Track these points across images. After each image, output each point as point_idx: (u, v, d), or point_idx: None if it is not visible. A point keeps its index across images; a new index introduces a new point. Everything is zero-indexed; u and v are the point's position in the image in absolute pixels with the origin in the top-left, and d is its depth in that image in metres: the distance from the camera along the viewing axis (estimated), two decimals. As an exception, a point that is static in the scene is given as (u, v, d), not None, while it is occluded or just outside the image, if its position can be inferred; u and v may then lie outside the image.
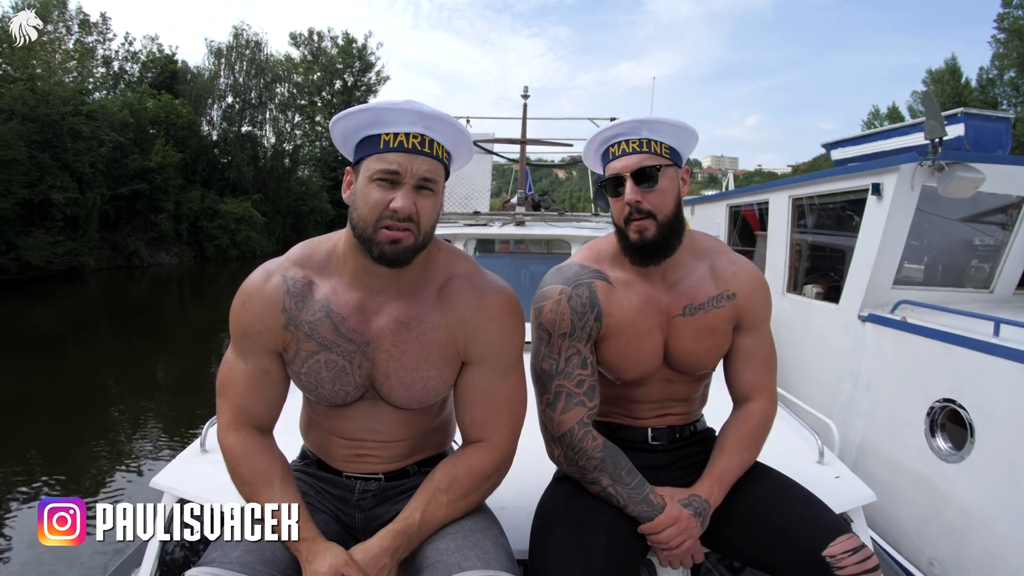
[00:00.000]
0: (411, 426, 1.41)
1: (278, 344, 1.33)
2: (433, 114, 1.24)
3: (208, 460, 1.89)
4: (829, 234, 4.75)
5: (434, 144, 1.24)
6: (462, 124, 1.29)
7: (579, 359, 1.48)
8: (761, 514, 1.43)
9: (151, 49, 35.45)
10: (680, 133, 1.47)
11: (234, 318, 1.35)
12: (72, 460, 6.20)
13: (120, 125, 25.45)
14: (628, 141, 1.44)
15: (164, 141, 28.56)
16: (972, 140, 4.36)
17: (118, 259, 25.77)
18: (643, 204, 1.41)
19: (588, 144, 1.54)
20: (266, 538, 1.25)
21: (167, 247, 28.87)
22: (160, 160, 27.54)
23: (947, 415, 3.21)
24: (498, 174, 11.19)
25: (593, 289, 1.50)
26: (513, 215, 4.52)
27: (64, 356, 11.35)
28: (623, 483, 1.43)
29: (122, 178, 25.69)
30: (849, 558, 1.29)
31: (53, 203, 21.50)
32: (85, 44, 29.94)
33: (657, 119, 1.45)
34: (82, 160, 23.02)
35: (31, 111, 21.22)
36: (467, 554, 1.24)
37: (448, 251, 1.42)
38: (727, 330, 1.55)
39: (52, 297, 18.25)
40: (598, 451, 1.44)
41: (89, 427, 7.18)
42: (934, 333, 3.30)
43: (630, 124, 1.45)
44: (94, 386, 9.39)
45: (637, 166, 1.42)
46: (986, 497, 2.91)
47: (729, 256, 1.58)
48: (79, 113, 23.19)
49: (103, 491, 5.49)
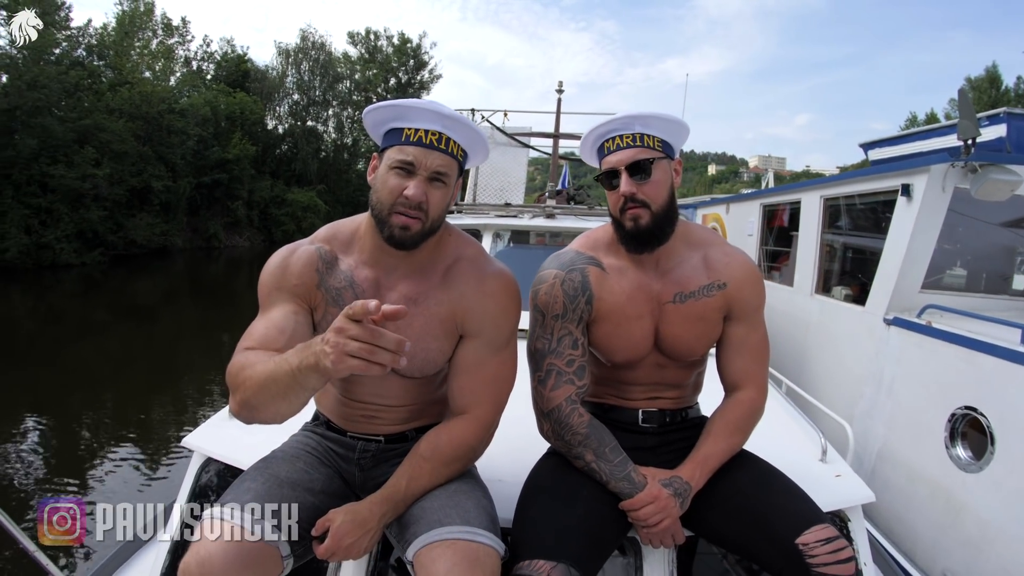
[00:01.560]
0: (413, 394, 1.53)
1: (310, 298, 1.46)
2: (451, 115, 1.38)
3: (235, 425, 1.99)
4: (860, 235, 4.65)
5: (450, 142, 1.38)
6: (478, 126, 1.43)
7: (570, 340, 1.56)
8: (742, 501, 1.46)
9: (225, 50, 38.74)
10: (671, 126, 1.53)
11: (265, 279, 1.46)
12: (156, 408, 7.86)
13: (202, 120, 28.86)
14: (622, 136, 1.50)
15: (241, 135, 31.99)
16: (1015, 141, 4.21)
17: (199, 241, 29.37)
18: (638, 195, 1.48)
19: (584, 140, 1.61)
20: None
21: (241, 231, 32.43)
22: (238, 152, 30.97)
23: (968, 423, 3.13)
24: (543, 168, 11.25)
25: (586, 274, 1.58)
26: (543, 207, 4.58)
27: (156, 323, 13.57)
28: (606, 459, 1.49)
29: (203, 168, 29.08)
30: (822, 547, 1.31)
31: (152, 190, 25.16)
32: (168, 46, 33.30)
33: (649, 114, 1.50)
34: (174, 152, 26.64)
35: (136, 109, 24.92)
36: (448, 512, 1.33)
37: (457, 236, 1.55)
38: (717, 319, 1.59)
39: (148, 271, 21.55)
40: (583, 427, 1.51)
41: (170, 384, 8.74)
42: (958, 339, 3.21)
43: (623, 120, 1.51)
44: (177, 350, 10.99)
45: (631, 159, 1.48)
46: (1004, 509, 2.83)
47: (723, 247, 1.63)
48: (173, 111, 26.85)
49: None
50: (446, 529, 1.29)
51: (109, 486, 5.58)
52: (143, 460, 6.19)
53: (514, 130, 7.15)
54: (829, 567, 1.29)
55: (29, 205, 20.49)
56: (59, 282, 18.34)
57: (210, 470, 1.89)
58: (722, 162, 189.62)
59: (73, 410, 7.45)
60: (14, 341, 11.37)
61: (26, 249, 19.81)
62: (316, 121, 41.69)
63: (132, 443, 6.54)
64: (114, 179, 23.24)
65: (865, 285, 4.21)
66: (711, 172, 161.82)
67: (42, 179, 21.08)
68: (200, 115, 28.79)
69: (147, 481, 5.76)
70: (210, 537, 1.22)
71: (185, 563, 1.20)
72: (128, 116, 24.41)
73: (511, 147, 6.99)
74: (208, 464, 1.89)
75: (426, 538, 1.28)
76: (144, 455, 6.30)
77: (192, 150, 27.97)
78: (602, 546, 1.43)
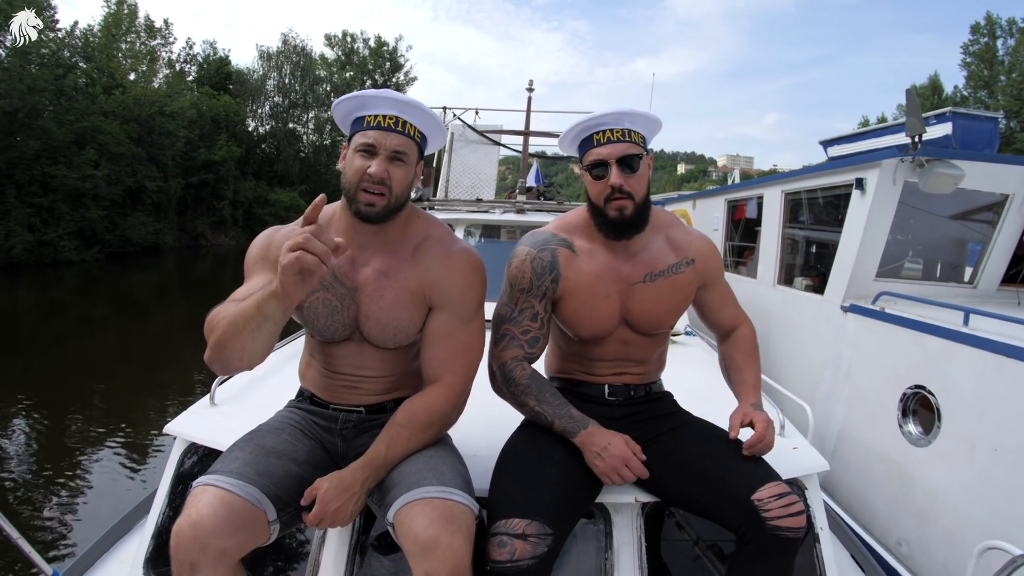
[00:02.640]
0: (390, 365, 1.67)
1: None
2: (406, 100, 1.53)
3: (216, 412, 2.12)
4: (819, 229, 4.86)
5: (407, 125, 1.53)
6: (432, 111, 1.57)
7: (531, 313, 1.72)
8: (701, 466, 1.59)
9: (208, 52, 39.97)
10: (653, 125, 1.70)
11: (250, 254, 1.61)
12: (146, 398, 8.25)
13: (189, 123, 29.99)
14: (612, 130, 1.65)
15: (226, 137, 33.43)
16: (960, 138, 4.47)
17: (187, 239, 30.56)
18: (625, 187, 1.63)
19: (569, 130, 1.73)
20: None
21: (226, 230, 33.65)
22: (224, 154, 32.39)
23: (918, 401, 3.33)
24: (514, 167, 11.34)
25: (555, 255, 1.72)
26: (514, 203, 4.69)
27: (150, 318, 14.45)
28: (547, 403, 1.65)
29: (191, 169, 30.29)
30: (775, 502, 1.44)
31: (146, 190, 26.31)
32: (151, 48, 34.74)
33: (637, 112, 1.67)
34: (165, 154, 27.75)
35: (129, 112, 26.06)
36: (425, 475, 1.44)
37: (426, 217, 1.70)
38: (691, 291, 1.80)
39: (142, 268, 22.77)
40: (525, 379, 1.67)
41: (160, 376, 9.13)
42: (908, 323, 3.42)
43: (614, 115, 1.66)
44: (169, 343, 11.62)
45: (622, 154, 1.64)
46: (949, 480, 3.04)
47: (683, 227, 1.83)
48: (163, 114, 27.75)
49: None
50: (423, 489, 1.39)
51: (96, 473, 5.71)
52: (130, 447, 6.37)
53: (485, 128, 7.25)
54: (782, 520, 1.42)
55: (31, 204, 21.51)
56: (60, 278, 19.34)
57: (193, 455, 1.95)
58: (691, 161, 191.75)
59: (68, 399, 7.79)
60: (21, 333, 11.99)
61: (30, 246, 20.83)
62: (296, 123, 43.37)
63: (121, 431, 6.78)
64: (112, 179, 24.42)
65: (824, 275, 4.41)
66: (680, 171, 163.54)
67: (43, 179, 22.09)
68: (187, 117, 29.91)
69: (133, 466, 5.90)
70: (202, 501, 1.29)
71: (178, 526, 1.27)
72: (122, 119, 25.60)
73: (482, 145, 7.09)
74: (191, 450, 1.95)
75: (405, 499, 1.38)
76: (131, 442, 6.49)
77: (181, 151, 29.13)
78: (573, 507, 1.54)
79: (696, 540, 1.94)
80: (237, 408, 2.15)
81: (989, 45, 32.69)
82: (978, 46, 32.93)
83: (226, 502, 1.30)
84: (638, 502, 1.71)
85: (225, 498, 1.31)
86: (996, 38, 32.58)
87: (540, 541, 1.37)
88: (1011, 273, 4.33)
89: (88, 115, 23.85)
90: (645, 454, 1.65)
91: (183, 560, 1.26)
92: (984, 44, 32.78)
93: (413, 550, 1.32)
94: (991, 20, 32.63)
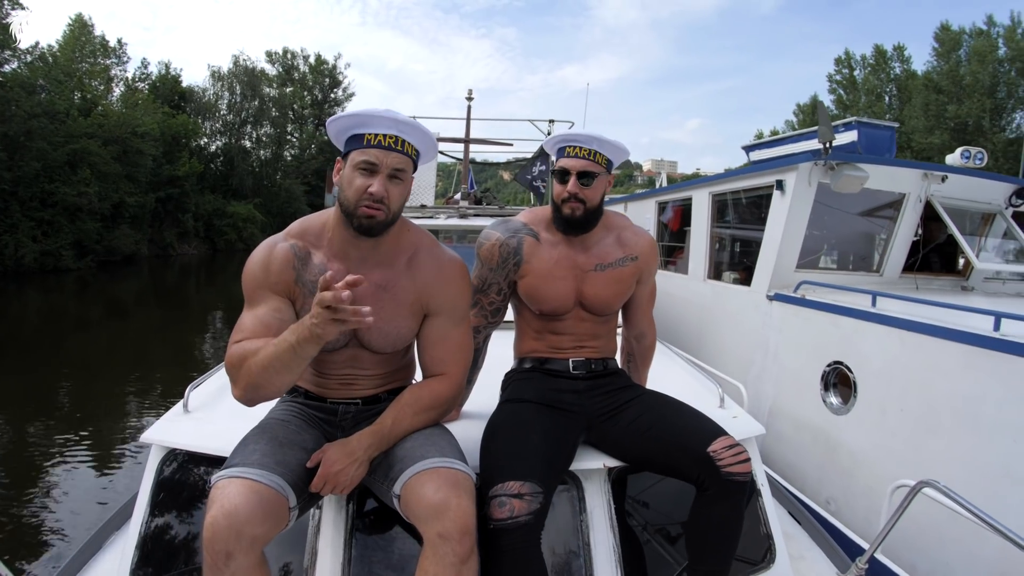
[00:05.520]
0: (384, 364, 1.82)
1: (290, 293, 1.70)
2: (405, 121, 1.62)
3: (190, 419, 2.17)
4: (745, 227, 5.30)
5: (405, 144, 1.62)
6: (429, 130, 1.67)
7: (496, 288, 2.09)
8: (659, 429, 1.88)
9: (161, 71, 42.19)
10: (618, 152, 2.05)
11: (250, 276, 1.67)
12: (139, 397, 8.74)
13: (153, 141, 32.13)
14: (581, 148, 1.99)
15: (188, 154, 36.30)
16: (864, 145, 5.03)
17: (156, 249, 33.53)
18: (579, 194, 1.98)
19: (552, 138, 2.11)
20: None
21: (189, 241, 36.66)
22: (187, 170, 35.32)
23: (837, 375, 3.78)
24: (444, 175, 11.55)
25: (521, 242, 2.06)
26: (457, 208, 4.91)
27: (129, 320, 16.12)
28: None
29: (157, 184, 33.00)
30: (727, 452, 1.75)
31: (125, 204, 29.31)
32: (105, 67, 35.94)
33: (606, 140, 2.01)
34: (139, 171, 30.53)
35: (108, 133, 28.62)
36: (428, 449, 1.60)
37: (415, 229, 1.84)
38: (631, 282, 2.15)
39: (123, 276, 25.28)
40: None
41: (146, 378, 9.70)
42: (826, 307, 3.87)
43: (587, 137, 2.00)
44: (146, 347, 12.45)
45: (582, 168, 1.98)
46: (866, 441, 3.48)
47: (632, 228, 2.19)
48: (136, 134, 30.39)
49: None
50: (429, 460, 1.53)
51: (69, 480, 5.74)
52: (104, 454, 6.44)
53: None
54: (734, 467, 1.73)
55: (33, 218, 24.23)
56: (61, 284, 21.71)
57: (172, 462, 1.98)
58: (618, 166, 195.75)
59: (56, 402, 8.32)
60: (29, 334, 13.26)
61: (36, 256, 23.56)
62: (247, 139, 46.43)
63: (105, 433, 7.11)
64: (101, 195, 27.18)
65: (749, 269, 4.85)
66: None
67: (43, 196, 24.88)
68: (153, 136, 32.15)
69: (109, 473, 5.94)
70: (231, 492, 1.36)
71: (212, 517, 1.32)
72: (102, 140, 28.05)
73: (437, 153, 7.26)
74: (170, 456, 1.98)
75: (412, 470, 1.52)
76: (106, 448, 6.65)
77: (150, 169, 31.64)
78: (556, 468, 1.80)
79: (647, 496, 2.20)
80: (212, 413, 2.20)
81: (849, 75, 42.18)
82: (841, 76, 42.64)
83: (255, 490, 1.37)
84: (605, 467, 1.96)
85: (254, 487, 1.38)
86: (853, 69, 42.15)
87: (534, 499, 1.59)
88: (910, 262, 4.88)
89: (77, 137, 26.45)
90: (610, 423, 1.96)
91: (219, 550, 1.31)
92: (845, 75, 42.41)
93: (425, 514, 1.44)
94: (848, 55, 42.59)
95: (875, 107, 38.57)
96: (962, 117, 32.32)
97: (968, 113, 32.12)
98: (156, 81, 41.04)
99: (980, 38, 33.44)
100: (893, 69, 40.28)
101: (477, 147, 7.70)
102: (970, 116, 32.10)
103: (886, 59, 40.45)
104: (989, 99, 31.87)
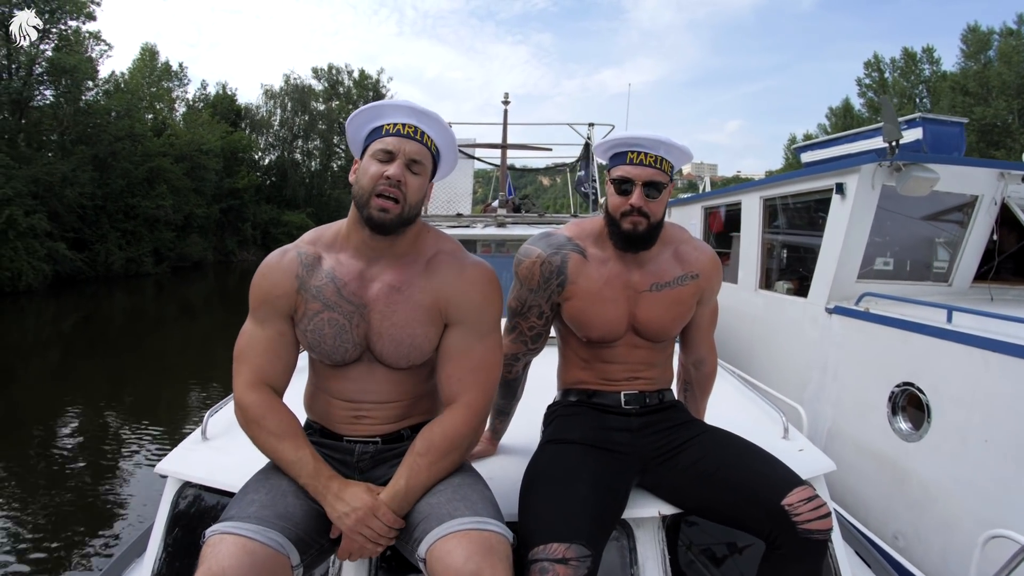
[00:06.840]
0: (403, 388, 1.59)
1: (291, 307, 1.55)
2: (423, 111, 1.53)
3: (209, 447, 2.02)
4: (799, 233, 4.98)
5: (424, 134, 1.52)
6: (449, 127, 1.57)
7: (537, 311, 1.83)
8: (726, 473, 1.62)
9: (218, 91, 46.74)
10: (683, 157, 1.76)
11: (255, 288, 1.58)
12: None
13: (215, 156, 36.13)
14: (647, 154, 1.70)
15: (247, 168, 40.76)
16: (930, 143, 4.64)
17: (220, 255, 37.68)
18: (644, 208, 1.69)
19: (606, 140, 1.81)
20: (296, 477, 1.44)
21: (248, 248, 40.30)
22: (246, 183, 39.89)
23: (907, 398, 3.44)
24: (484, 181, 11.40)
25: (566, 259, 1.78)
26: (495, 217, 4.70)
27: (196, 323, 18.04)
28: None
29: (220, 196, 37.02)
30: (805, 505, 1.48)
31: (194, 215, 33.42)
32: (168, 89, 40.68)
33: (674, 144, 1.72)
34: (206, 185, 34.64)
35: (179, 152, 32.86)
36: (457, 505, 1.38)
37: (436, 233, 1.67)
38: (692, 303, 1.85)
39: (193, 279, 28.74)
40: (509, 376, 1.90)
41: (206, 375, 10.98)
42: (894, 322, 3.53)
43: (653, 141, 1.71)
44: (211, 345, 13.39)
45: (649, 179, 1.70)
46: (942, 472, 3.14)
47: (692, 243, 1.88)
48: (202, 151, 34.54)
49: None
50: (457, 521, 1.32)
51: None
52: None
53: (459, 142, 7.26)
54: (813, 523, 1.46)
55: (119, 229, 28.36)
56: (141, 287, 25.15)
57: (188, 495, 1.88)
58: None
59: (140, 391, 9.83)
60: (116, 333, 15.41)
61: (122, 262, 27.40)
62: (299, 152, 50.04)
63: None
64: (175, 208, 31.13)
65: (804, 278, 4.53)
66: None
67: (126, 209, 29.06)
68: (215, 152, 35.99)
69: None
70: (221, 552, 1.23)
71: None
72: (174, 158, 32.26)
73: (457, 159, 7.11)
74: (185, 489, 1.88)
75: (437, 532, 1.31)
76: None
77: (213, 182, 35.47)
78: (605, 524, 1.54)
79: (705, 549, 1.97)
80: (230, 442, 2.03)
81: (880, 78, 43.14)
82: (871, 79, 43.95)
83: (248, 550, 1.24)
84: (660, 515, 1.72)
85: (247, 546, 1.24)
86: (883, 72, 43.19)
87: (581, 564, 1.37)
88: (982, 271, 4.49)
89: (153, 156, 30.61)
90: (667, 465, 1.69)
91: None
92: (875, 78, 43.59)
93: None
94: (877, 57, 43.83)
95: (905, 109, 38.07)
96: (989, 118, 32.86)
97: (996, 115, 32.78)
98: (215, 100, 45.01)
99: (1009, 38, 34.11)
100: (923, 71, 41.33)
101: (515, 153, 7.50)
102: (997, 117, 33.03)
103: (915, 61, 41.42)
104: (1016, 100, 32.42)
